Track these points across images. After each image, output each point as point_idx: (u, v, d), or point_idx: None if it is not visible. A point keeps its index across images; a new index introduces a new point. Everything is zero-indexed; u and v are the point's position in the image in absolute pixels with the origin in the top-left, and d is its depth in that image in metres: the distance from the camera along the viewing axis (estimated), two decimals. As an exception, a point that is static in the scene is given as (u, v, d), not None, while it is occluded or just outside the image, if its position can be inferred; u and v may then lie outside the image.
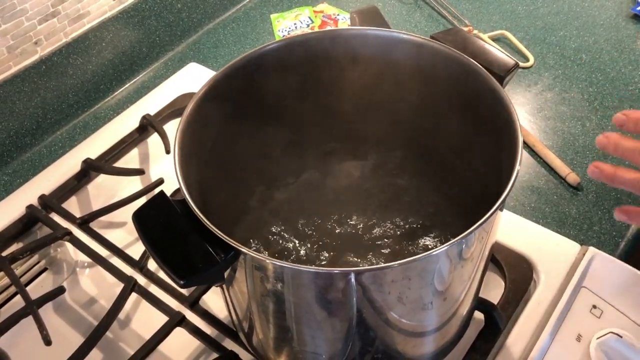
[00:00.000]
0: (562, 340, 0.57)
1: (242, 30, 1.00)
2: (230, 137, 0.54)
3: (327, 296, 0.42)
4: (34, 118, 0.81)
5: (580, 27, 0.96)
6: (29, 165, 0.80)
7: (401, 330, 0.47)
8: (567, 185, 0.73)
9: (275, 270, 0.41)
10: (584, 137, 0.79)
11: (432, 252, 0.39)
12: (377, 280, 0.41)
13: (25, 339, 0.62)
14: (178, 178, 0.43)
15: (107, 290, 0.66)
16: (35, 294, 0.61)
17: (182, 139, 0.46)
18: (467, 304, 0.51)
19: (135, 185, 0.76)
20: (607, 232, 0.68)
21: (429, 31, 0.97)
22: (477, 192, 0.53)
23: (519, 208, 0.71)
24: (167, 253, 0.39)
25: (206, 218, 0.40)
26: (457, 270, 0.44)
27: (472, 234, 0.40)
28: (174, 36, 0.96)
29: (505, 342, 0.58)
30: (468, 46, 0.52)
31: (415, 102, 0.56)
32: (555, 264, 0.63)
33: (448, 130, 0.55)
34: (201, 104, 0.50)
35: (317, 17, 1.01)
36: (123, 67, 0.90)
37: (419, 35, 0.53)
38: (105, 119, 0.85)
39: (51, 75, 0.81)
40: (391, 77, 0.56)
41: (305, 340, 0.48)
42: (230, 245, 0.39)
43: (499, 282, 0.63)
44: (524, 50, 0.91)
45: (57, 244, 0.69)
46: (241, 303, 0.49)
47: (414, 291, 0.43)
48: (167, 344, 0.59)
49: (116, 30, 0.87)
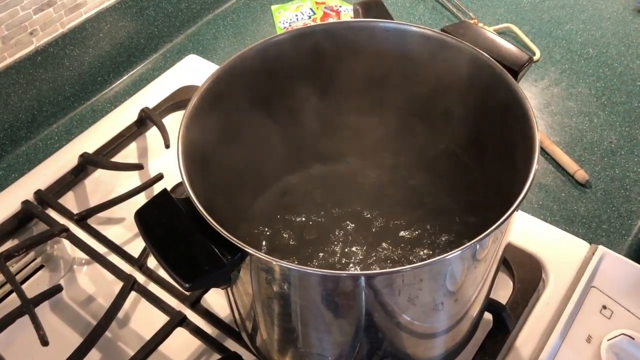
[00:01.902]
0: (572, 342, 0.56)
1: (243, 21, 0.98)
2: (234, 133, 0.52)
3: (336, 299, 0.41)
4: (29, 111, 0.79)
5: (587, 20, 0.94)
6: (24, 159, 0.78)
7: (411, 332, 0.46)
8: (576, 183, 0.72)
9: (283, 272, 0.40)
10: (591, 133, 0.77)
11: (446, 256, 0.37)
12: (388, 284, 0.39)
13: (21, 338, 0.60)
14: (182, 176, 0.41)
15: (105, 289, 0.65)
16: (31, 292, 0.60)
17: (185, 134, 0.45)
18: (478, 305, 0.50)
19: (133, 180, 0.75)
20: (616, 231, 0.67)
21: (434, 24, 0.95)
22: (489, 191, 0.51)
23: (527, 206, 0.70)
24: (172, 255, 0.38)
25: (210, 216, 0.39)
26: (470, 272, 0.43)
27: (487, 237, 0.38)
28: (172, 27, 0.94)
29: (514, 343, 0.57)
30: (480, 40, 0.51)
31: (426, 97, 0.54)
32: (564, 264, 0.62)
33: (460, 126, 0.54)
34: (205, 99, 0.48)
35: (319, 8, 0.99)
36: (121, 58, 0.88)
37: (430, 28, 0.52)
38: (103, 112, 0.83)
39: (47, 66, 0.79)
40: (400, 71, 0.54)
41: (312, 342, 0.47)
42: (236, 246, 0.38)
43: (507, 281, 0.62)
44: (530, 44, 0.89)
45: (54, 240, 0.68)
46: (245, 304, 0.47)
47: (425, 293, 0.42)
48: (167, 345, 0.57)
49: (114, 20, 0.85)
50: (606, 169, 0.73)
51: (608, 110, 0.80)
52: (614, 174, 0.72)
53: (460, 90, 0.51)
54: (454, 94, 0.52)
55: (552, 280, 0.61)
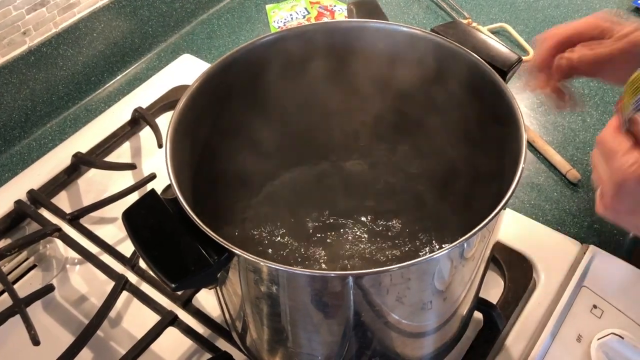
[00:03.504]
0: (562, 341, 0.56)
1: (237, 21, 0.98)
2: (224, 132, 0.52)
3: (324, 299, 0.41)
4: (22, 110, 0.79)
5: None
6: (17, 158, 0.78)
7: (400, 331, 0.46)
8: (568, 182, 0.72)
9: (270, 272, 0.40)
10: (584, 133, 0.77)
11: (433, 255, 0.38)
12: (376, 284, 0.39)
13: (13, 338, 0.60)
14: (170, 176, 0.42)
15: (97, 288, 0.65)
16: (23, 292, 0.60)
17: (174, 135, 0.45)
18: (467, 304, 0.50)
19: (126, 180, 0.75)
20: (608, 231, 0.67)
21: (428, 24, 0.95)
22: (478, 190, 0.51)
23: (519, 205, 0.70)
24: (158, 255, 0.38)
25: (198, 217, 0.39)
26: (458, 271, 0.43)
27: (474, 235, 0.38)
28: (167, 27, 0.94)
29: (504, 343, 0.57)
30: (470, 40, 0.51)
31: (415, 97, 0.54)
32: (555, 263, 0.62)
33: (449, 126, 0.54)
34: (195, 98, 0.48)
35: (313, 8, 0.99)
36: (115, 58, 0.88)
37: (420, 28, 0.52)
38: (96, 112, 0.83)
39: (40, 66, 0.79)
40: (390, 71, 0.54)
41: (301, 342, 0.47)
42: (223, 246, 0.38)
43: (498, 281, 0.62)
44: (524, 44, 0.89)
45: (47, 240, 0.68)
46: (235, 304, 0.48)
47: (414, 292, 0.42)
48: (159, 344, 0.57)
49: (107, 20, 0.85)
50: (598, 169, 0.73)
51: (601, 110, 0.80)
52: (606, 174, 0.72)
53: (450, 90, 0.52)
54: (443, 94, 0.52)
55: (543, 280, 0.61)
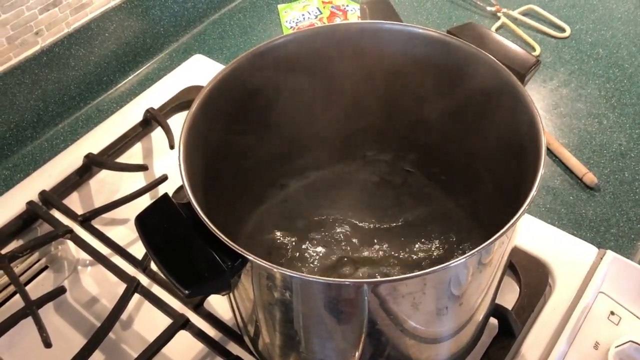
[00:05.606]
0: (578, 348, 0.55)
1: (249, 21, 0.97)
2: (237, 134, 0.52)
3: (339, 307, 0.40)
4: (34, 111, 0.79)
5: (597, 20, 0.93)
6: (29, 159, 0.78)
7: (415, 337, 0.46)
8: (584, 186, 0.71)
9: (284, 279, 0.39)
10: (600, 136, 0.76)
11: (451, 263, 0.37)
12: (392, 291, 0.39)
13: (24, 340, 0.60)
14: (183, 180, 0.41)
15: (109, 290, 0.64)
16: (35, 294, 0.59)
17: (187, 137, 0.44)
18: (483, 310, 0.49)
19: (138, 181, 0.74)
20: (625, 235, 0.66)
21: (445, 19, 0.94)
22: (495, 194, 0.51)
23: (534, 209, 0.69)
24: (171, 260, 0.37)
25: (211, 221, 0.38)
26: (475, 277, 0.42)
27: (493, 242, 0.38)
28: (178, 27, 0.94)
29: (519, 350, 0.56)
30: (486, 42, 0.50)
31: (430, 100, 0.54)
32: (571, 268, 0.61)
33: (465, 129, 0.53)
34: (208, 101, 0.47)
35: (325, 7, 0.98)
36: (126, 58, 0.88)
37: (435, 30, 0.51)
38: (108, 112, 0.83)
39: (52, 66, 0.79)
40: (405, 74, 0.54)
41: (314, 348, 0.46)
42: (236, 252, 0.37)
43: (513, 286, 0.61)
44: (558, 22, 0.88)
45: (58, 241, 0.68)
46: (247, 309, 0.47)
47: (430, 299, 0.41)
48: (170, 347, 0.57)
49: (119, 20, 0.85)
50: (615, 172, 0.72)
51: (618, 112, 0.79)
52: (623, 177, 0.71)
53: (467, 92, 0.51)
54: (460, 96, 0.51)
55: (559, 285, 0.60)
